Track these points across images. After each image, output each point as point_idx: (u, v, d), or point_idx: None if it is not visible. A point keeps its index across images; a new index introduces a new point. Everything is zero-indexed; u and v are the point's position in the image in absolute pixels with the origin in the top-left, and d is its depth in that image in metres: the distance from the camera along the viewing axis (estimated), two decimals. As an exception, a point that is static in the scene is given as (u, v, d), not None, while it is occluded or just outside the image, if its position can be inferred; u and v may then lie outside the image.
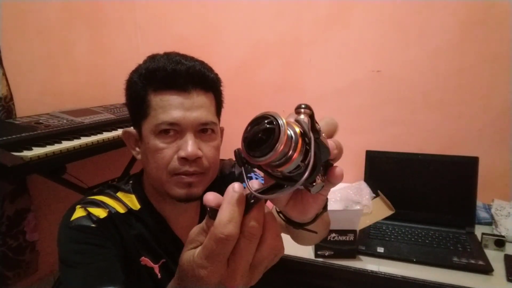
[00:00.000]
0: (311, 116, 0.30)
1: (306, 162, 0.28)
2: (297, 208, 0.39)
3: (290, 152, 0.27)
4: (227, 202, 0.30)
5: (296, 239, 0.69)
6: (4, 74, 1.23)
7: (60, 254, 0.62)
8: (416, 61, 1.40)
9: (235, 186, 0.31)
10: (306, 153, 0.28)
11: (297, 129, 0.28)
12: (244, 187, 0.31)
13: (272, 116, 0.27)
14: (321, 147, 0.30)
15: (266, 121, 0.28)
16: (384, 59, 1.44)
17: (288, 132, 0.27)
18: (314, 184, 0.31)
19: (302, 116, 0.29)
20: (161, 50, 0.69)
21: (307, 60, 1.55)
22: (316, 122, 0.31)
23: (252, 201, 0.31)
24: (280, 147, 0.26)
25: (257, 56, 1.62)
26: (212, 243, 0.30)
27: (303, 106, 0.30)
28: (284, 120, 0.27)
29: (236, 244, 0.30)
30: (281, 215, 0.43)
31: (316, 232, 0.46)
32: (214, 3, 1.63)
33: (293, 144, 0.27)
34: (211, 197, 0.32)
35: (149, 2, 1.73)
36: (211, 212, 0.31)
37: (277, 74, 1.61)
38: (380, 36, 1.43)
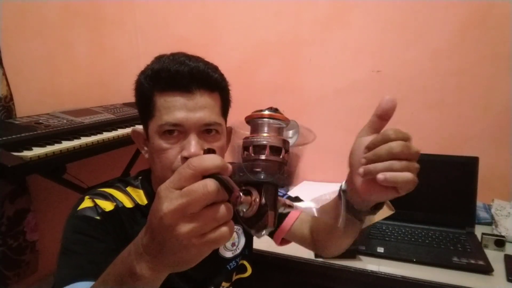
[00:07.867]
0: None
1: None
2: (367, 188, 0.49)
3: None
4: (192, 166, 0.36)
5: (323, 248, 0.75)
6: (4, 74, 1.23)
7: (62, 241, 0.64)
8: (416, 61, 1.40)
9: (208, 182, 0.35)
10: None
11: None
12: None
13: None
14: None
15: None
16: (384, 59, 1.44)
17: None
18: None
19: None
20: (160, 51, 0.69)
21: (307, 60, 1.55)
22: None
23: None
24: None
25: (257, 56, 1.62)
26: None
27: None
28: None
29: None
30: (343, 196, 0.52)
31: (361, 220, 0.57)
32: (214, 3, 1.63)
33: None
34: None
35: (149, 2, 1.73)
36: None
37: (277, 74, 1.61)
38: (380, 36, 1.43)
